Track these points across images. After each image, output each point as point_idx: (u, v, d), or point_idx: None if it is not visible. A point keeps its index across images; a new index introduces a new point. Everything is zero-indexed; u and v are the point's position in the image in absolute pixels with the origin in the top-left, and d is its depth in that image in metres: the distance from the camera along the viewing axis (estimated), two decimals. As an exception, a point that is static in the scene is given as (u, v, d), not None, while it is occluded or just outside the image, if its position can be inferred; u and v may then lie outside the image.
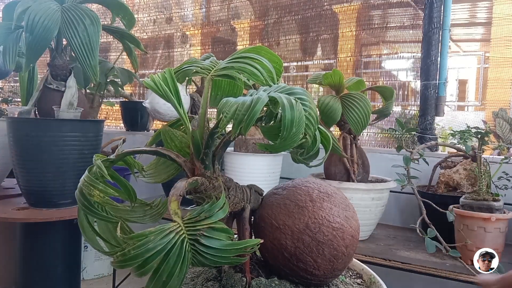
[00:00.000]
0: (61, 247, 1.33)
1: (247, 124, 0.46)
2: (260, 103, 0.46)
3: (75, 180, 1.24)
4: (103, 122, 1.37)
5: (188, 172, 0.57)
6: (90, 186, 0.52)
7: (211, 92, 0.64)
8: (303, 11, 2.24)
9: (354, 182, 1.26)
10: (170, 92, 0.52)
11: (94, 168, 0.54)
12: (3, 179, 1.54)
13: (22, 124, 1.19)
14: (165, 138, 0.64)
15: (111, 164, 0.58)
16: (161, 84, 0.52)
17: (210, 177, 0.56)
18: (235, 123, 0.47)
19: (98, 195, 0.52)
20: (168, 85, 0.52)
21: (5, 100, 2.54)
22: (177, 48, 2.89)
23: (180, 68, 0.61)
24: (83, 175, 0.54)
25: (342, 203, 0.62)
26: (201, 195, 0.56)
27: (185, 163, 0.57)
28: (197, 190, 0.56)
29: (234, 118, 0.47)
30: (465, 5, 5.04)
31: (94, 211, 0.55)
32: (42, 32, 1.04)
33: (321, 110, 1.18)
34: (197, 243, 0.46)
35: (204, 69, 0.58)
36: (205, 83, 0.57)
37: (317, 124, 0.53)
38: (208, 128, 0.55)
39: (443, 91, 1.71)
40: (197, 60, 0.61)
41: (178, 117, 0.59)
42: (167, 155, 0.57)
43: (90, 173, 0.54)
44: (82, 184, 0.53)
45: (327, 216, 0.58)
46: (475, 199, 1.13)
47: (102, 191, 0.52)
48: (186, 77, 0.63)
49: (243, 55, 0.57)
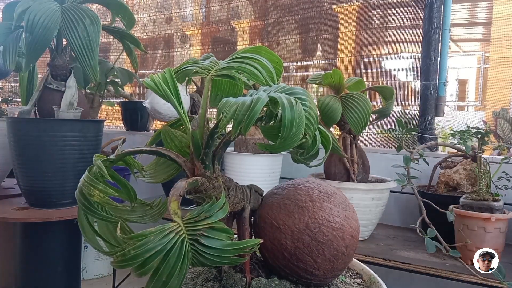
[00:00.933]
0: (61, 247, 1.33)
1: (247, 124, 0.46)
2: (260, 103, 0.46)
3: (75, 180, 1.24)
4: (103, 122, 1.37)
5: (188, 172, 0.57)
6: (90, 186, 0.52)
7: (211, 92, 0.64)
8: (303, 11, 2.24)
9: (354, 182, 1.26)
10: (170, 92, 0.52)
11: (94, 168, 0.54)
12: (3, 179, 1.54)
13: (22, 124, 1.19)
14: (165, 138, 0.64)
15: (111, 164, 0.58)
16: (161, 84, 0.52)
17: (210, 177, 0.56)
18: (235, 123, 0.47)
19: (98, 195, 0.52)
20: (168, 85, 0.52)
21: (5, 100, 2.54)
22: (177, 48, 2.89)
23: (180, 68, 0.61)
24: (83, 175, 0.54)
25: (342, 203, 0.62)
26: (201, 195, 0.56)
27: (185, 163, 0.57)
28: (197, 190, 0.56)
29: (234, 118, 0.47)
30: (465, 5, 5.04)
31: (94, 211, 0.55)
32: (42, 32, 1.04)
33: (321, 110, 1.18)
34: (197, 243, 0.46)
35: (204, 69, 0.58)
36: (205, 83, 0.57)
37: (317, 124, 0.53)
38: (208, 128, 0.55)
39: (443, 91, 1.71)
40: (197, 60, 0.61)
41: (178, 117, 0.59)
42: (167, 155, 0.57)
43: (90, 173, 0.54)
44: (82, 184, 0.53)
45: (327, 216, 0.58)
46: (475, 199, 1.13)
47: (102, 191, 0.52)
48: (186, 77, 0.63)
49: (243, 55, 0.57)
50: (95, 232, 0.57)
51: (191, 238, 0.46)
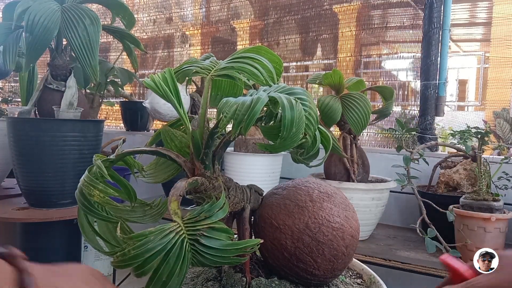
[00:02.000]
0: (61, 247, 1.33)
1: (247, 124, 0.46)
2: (260, 103, 0.46)
3: (75, 180, 1.24)
4: (103, 122, 1.37)
5: (188, 172, 0.57)
6: (90, 186, 0.52)
7: (211, 92, 0.64)
8: (303, 11, 2.24)
9: (354, 182, 1.26)
10: (170, 92, 0.52)
11: (94, 168, 0.54)
12: (3, 179, 1.54)
13: (22, 124, 1.19)
14: (165, 138, 0.64)
15: (111, 164, 0.58)
16: (161, 84, 0.52)
17: (210, 177, 0.56)
18: (235, 123, 0.47)
19: (98, 195, 0.52)
20: (168, 85, 0.52)
21: (5, 100, 2.54)
22: (177, 48, 2.89)
23: (180, 68, 0.61)
24: (83, 175, 0.54)
25: (342, 203, 0.62)
26: (201, 195, 0.56)
27: (185, 163, 0.57)
28: (197, 190, 0.56)
29: (234, 118, 0.47)
30: (465, 5, 5.04)
31: (94, 211, 0.55)
32: (42, 32, 1.04)
33: (321, 110, 1.18)
34: (197, 243, 0.46)
35: (204, 69, 0.58)
36: (205, 83, 0.57)
37: (317, 124, 0.53)
38: (208, 128, 0.55)
39: (443, 91, 1.71)
40: (197, 60, 0.61)
41: (178, 117, 0.59)
42: (167, 155, 0.57)
43: (90, 173, 0.54)
44: (82, 184, 0.53)
45: (327, 216, 0.58)
46: (475, 199, 1.13)
47: (102, 191, 0.52)
48: (186, 77, 0.63)
49: (243, 55, 0.57)
50: (95, 232, 0.57)
51: (191, 238, 0.46)
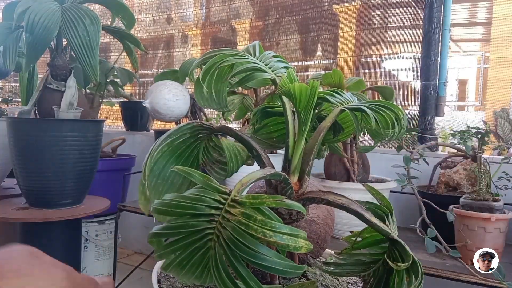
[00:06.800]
0: (61, 247, 1.33)
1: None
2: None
3: (75, 180, 1.25)
4: (103, 122, 1.37)
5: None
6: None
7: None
8: (303, 11, 2.24)
9: (354, 182, 1.26)
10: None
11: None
12: (3, 179, 1.54)
13: (22, 124, 1.19)
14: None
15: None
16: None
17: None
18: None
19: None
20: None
21: (5, 100, 2.54)
22: (178, 48, 2.89)
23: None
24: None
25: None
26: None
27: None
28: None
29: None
30: (465, 5, 5.04)
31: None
32: (42, 32, 1.04)
33: (321, 110, 1.18)
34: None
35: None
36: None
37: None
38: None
39: (443, 91, 1.71)
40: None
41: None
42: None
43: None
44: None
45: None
46: (475, 199, 1.13)
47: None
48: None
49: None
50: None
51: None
